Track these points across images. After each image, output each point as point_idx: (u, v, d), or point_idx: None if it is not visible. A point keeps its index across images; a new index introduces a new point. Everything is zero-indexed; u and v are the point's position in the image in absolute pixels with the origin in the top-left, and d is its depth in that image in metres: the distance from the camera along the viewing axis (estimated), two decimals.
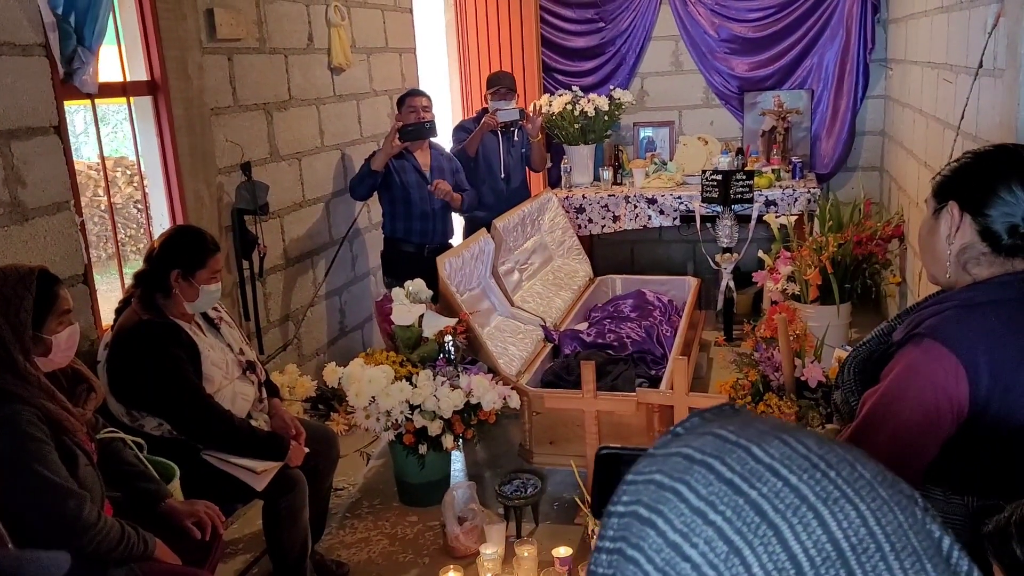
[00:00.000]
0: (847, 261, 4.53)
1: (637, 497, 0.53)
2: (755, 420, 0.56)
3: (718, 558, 0.48)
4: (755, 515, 0.49)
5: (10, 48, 2.52)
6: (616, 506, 0.54)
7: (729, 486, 0.50)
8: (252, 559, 3.16)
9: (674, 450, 0.54)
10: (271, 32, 3.88)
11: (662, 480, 0.52)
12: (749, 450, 0.52)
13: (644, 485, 0.53)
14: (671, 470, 0.52)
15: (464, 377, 3.37)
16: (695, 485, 0.51)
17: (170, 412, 2.63)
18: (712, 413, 0.58)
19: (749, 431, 0.54)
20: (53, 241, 2.67)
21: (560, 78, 6.15)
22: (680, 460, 0.53)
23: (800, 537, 0.48)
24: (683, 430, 0.57)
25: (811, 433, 0.54)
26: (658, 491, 0.52)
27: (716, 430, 0.54)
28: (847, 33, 5.64)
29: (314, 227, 4.28)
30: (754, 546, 0.48)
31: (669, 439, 0.56)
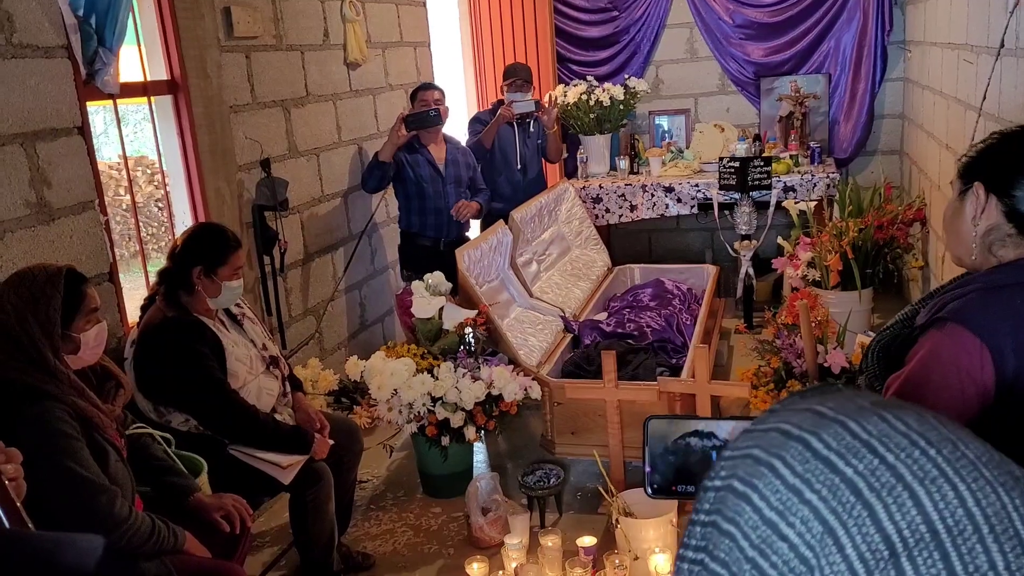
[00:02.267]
0: (868, 246, 4.51)
1: (733, 471, 0.53)
2: (856, 397, 0.54)
3: (814, 538, 0.47)
4: (850, 494, 0.48)
5: (33, 50, 2.55)
6: (713, 480, 0.54)
7: (825, 463, 0.49)
8: (279, 552, 3.20)
9: (772, 425, 0.53)
10: (287, 29, 3.90)
11: (758, 455, 0.52)
12: (846, 426, 0.51)
13: (741, 459, 0.53)
14: (768, 445, 0.52)
15: (485, 369, 3.39)
16: (791, 461, 0.50)
17: (196, 408, 2.66)
18: (812, 390, 0.57)
19: (848, 407, 0.52)
20: (79, 240, 2.71)
21: (575, 68, 6.14)
22: (777, 435, 0.52)
23: (894, 518, 0.46)
24: (781, 406, 0.56)
25: (913, 410, 0.53)
26: (754, 465, 0.51)
27: (815, 406, 0.54)
28: (864, 16, 5.59)
29: (333, 222, 4.30)
30: (848, 526, 0.47)
31: (766, 415, 0.56)
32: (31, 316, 2.03)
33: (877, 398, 0.54)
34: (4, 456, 0.98)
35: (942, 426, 0.51)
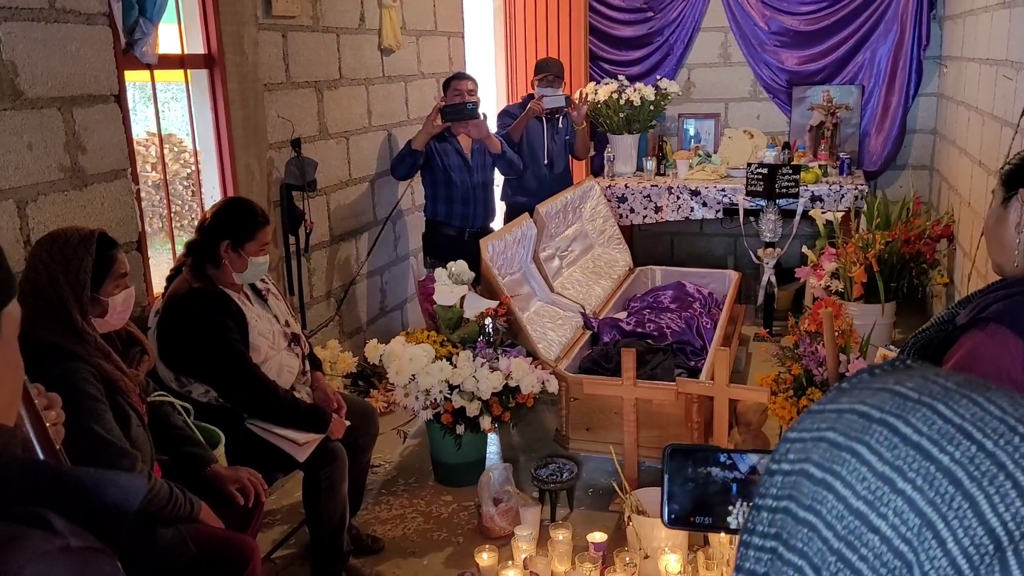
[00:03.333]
0: (894, 259, 4.47)
1: (806, 455, 0.49)
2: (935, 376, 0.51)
3: (911, 531, 0.44)
4: (948, 484, 0.44)
5: (75, 16, 2.57)
6: (780, 464, 0.51)
7: (917, 450, 0.46)
8: (290, 529, 3.21)
9: (846, 406, 0.50)
10: (325, 11, 3.91)
11: (836, 439, 0.48)
12: (935, 409, 0.47)
13: (814, 443, 0.49)
14: (846, 428, 0.48)
15: (504, 359, 3.39)
16: (877, 447, 0.47)
17: (217, 379, 2.67)
18: (882, 368, 0.53)
19: (932, 388, 0.49)
20: (110, 207, 2.72)
21: (606, 67, 6.12)
22: (855, 418, 0.49)
23: (998, 509, 0.43)
24: (849, 385, 0.53)
25: (1004, 392, 0.49)
26: (832, 450, 0.48)
27: (892, 386, 0.50)
28: (901, 29, 5.55)
29: (359, 206, 4.31)
30: (948, 519, 0.44)
31: (835, 394, 0.52)
32: (62, 276, 2.04)
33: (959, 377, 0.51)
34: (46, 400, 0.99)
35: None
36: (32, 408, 0.81)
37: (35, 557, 0.56)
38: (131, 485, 0.66)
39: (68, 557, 0.58)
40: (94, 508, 0.64)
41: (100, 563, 0.60)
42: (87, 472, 0.65)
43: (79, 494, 0.63)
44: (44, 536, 0.58)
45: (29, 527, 0.58)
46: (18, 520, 0.58)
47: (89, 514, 0.63)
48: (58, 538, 0.58)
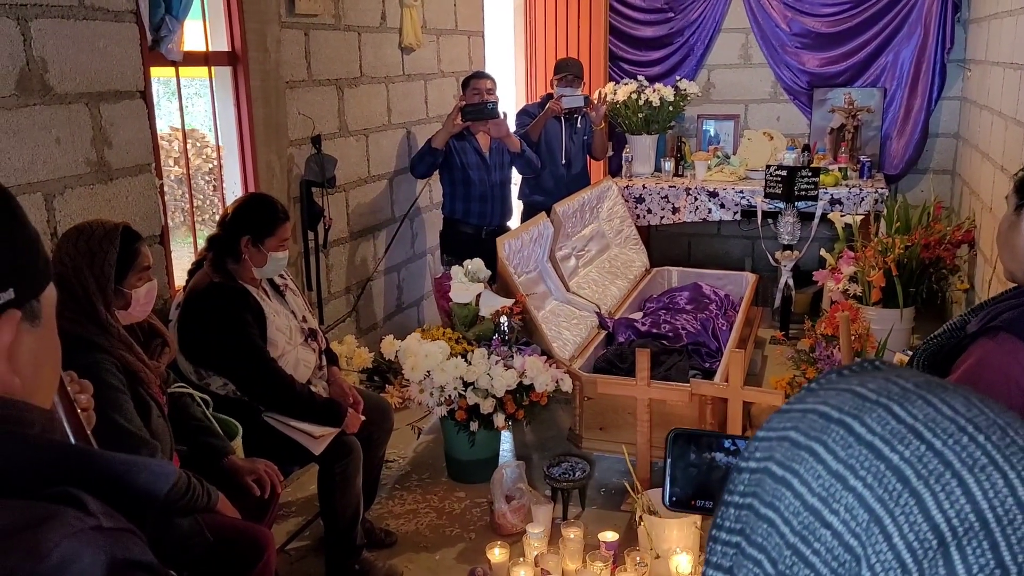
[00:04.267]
0: (913, 264, 4.45)
1: (770, 454, 0.51)
2: (897, 377, 0.52)
3: (860, 527, 0.46)
4: (897, 482, 0.46)
5: (103, 13, 2.61)
6: (748, 462, 0.53)
7: (869, 449, 0.48)
8: (304, 522, 3.25)
9: (810, 406, 0.52)
10: (346, 9, 3.95)
11: (797, 438, 0.50)
12: (890, 409, 0.49)
13: (778, 442, 0.51)
14: (807, 428, 0.50)
15: (518, 358, 3.41)
16: (832, 446, 0.49)
17: (235, 372, 2.71)
18: (850, 369, 0.55)
19: (891, 389, 0.51)
20: (134, 202, 2.77)
21: (626, 67, 6.13)
22: (816, 418, 0.51)
23: (943, 506, 0.45)
24: (818, 385, 0.55)
25: (959, 393, 0.51)
26: (792, 449, 0.50)
27: (855, 387, 0.52)
28: (925, 31, 5.51)
29: (377, 203, 4.35)
30: (895, 515, 0.46)
31: (804, 394, 0.54)
32: (87, 269, 2.09)
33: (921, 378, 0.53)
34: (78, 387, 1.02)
35: (989, 411, 0.49)
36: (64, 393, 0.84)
37: (69, 535, 0.59)
38: (161, 470, 0.69)
39: (100, 537, 0.61)
40: (125, 491, 0.66)
41: (130, 544, 0.63)
42: (119, 457, 0.68)
43: (111, 477, 0.66)
44: (78, 516, 0.61)
45: (64, 507, 0.61)
46: (54, 500, 0.61)
47: (120, 497, 0.66)
48: (91, 518, 0.61)
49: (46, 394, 0.75)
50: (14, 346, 0.68)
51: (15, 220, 0.70)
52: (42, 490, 0.62)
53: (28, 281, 0.70)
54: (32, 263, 0.71)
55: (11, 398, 0.67)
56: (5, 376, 0.68)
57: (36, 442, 0.67)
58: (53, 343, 0.76)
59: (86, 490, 0.63)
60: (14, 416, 0.67)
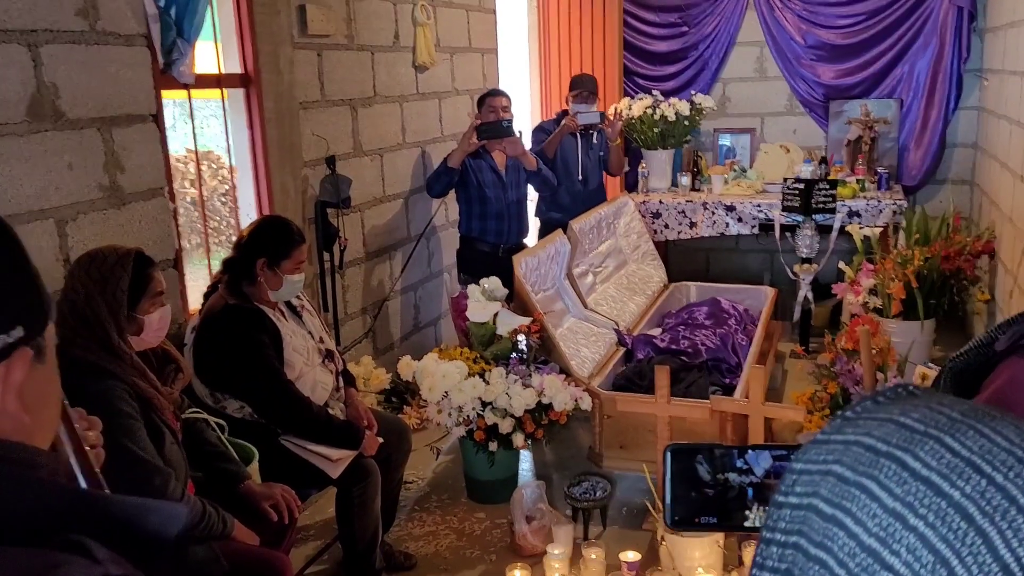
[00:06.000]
0: (934, 276, 4.39)
1: (814, 489, 0.49)
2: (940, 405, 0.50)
3: (924, 568, 0.44)
4: (960, 520, 0.44)
5: (115, 38, 2.62)
6: (787, 496, 0.51)
7: (927, 485, 0.46)
8: (323, 545, 3.22)
9: (852, 438, 0.50)
10: (359, 29, 3.95)
11: (843, 473, 0.48)
12: (942, 441, 0.47)
13: (821, 476, 0.49)
14: (853, 463, 0.48)
15: (536, 376, 3.37)
16: (886, 482, 0.47)
17: (252, 395, 2.69)
18: (886, 396, 0.53)
19: (937, 419, 0.49)
20: (147, 226, 2.76)
21: (640, 82, 6.11)
22: (862, 451, 0.49)
23: (1011, 545, 0.43)
24: (854, 414, 0.53)
25: (1008, 421, 0.49)
26: (840, 485, 0.48)
27: (898, 417, 0.50)
28: (941, 42, 5.46)
29: (393, 222, 4.34)
30: (962, 556, 0.44)
31: (840, 424, 0.52)
32: (99, 296, 2.07)
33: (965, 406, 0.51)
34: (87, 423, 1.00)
35: None
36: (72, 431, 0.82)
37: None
38: (171, 512, 0.67)
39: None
40: (135, 535, 0.64)
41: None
42: (129, 500, 0.66)
43: (121, 521, 0.64)
44: (85, 564, 0.59)
45: (71, 555, 0.59)
46: (60, 548, 0.60)
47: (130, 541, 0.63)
48: (98, 566, 0.59)
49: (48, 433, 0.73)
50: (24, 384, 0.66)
51: (20, 257, 0.68)
52: (51, 536, 0.60)
53: (35, 317, 0.69)
54: (38, 299, 0.70)
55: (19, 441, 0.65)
56: (17, 414, 0.66)
57: (45, 486, 0.65)
58: (55, 381, 0.75)
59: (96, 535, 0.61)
60: (24, 459, 0.65)
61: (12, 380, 0.66)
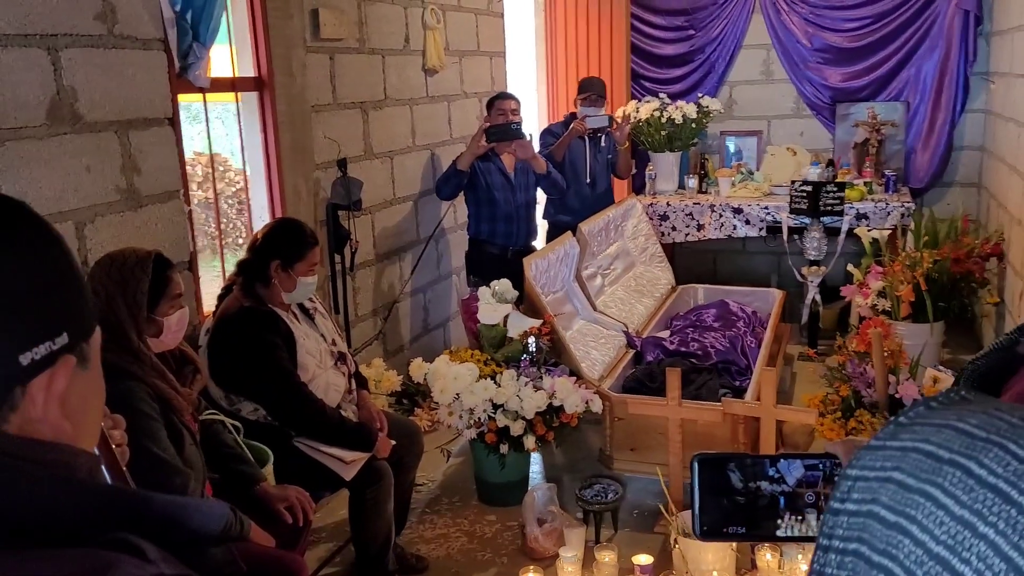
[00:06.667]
0: (943, 278, 4.39)
1: (873, 496, 0.49)
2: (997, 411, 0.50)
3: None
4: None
5: (132, 42, 2.63)
6: (844, 503, 0.51)
7: (995, 492, 0.45)
8: (335, 548, 3.22)
9: (909, 444, 0.50)
10: (370, 33, 3.96)
11: (905, 480, 0.48)
12: (1006, 448, 0.47)
13: (880, 483, 0.50)
14: (914, 469, 0.48)
15: (547, 378, 3.38)
16: (952, 489, 0.46)
17: (266, 397, 2.70)
18: (938, 401, 0.54)
19: (997, 424, 0.49)
20: (163, 228, 2.78)
21: (647, 85, 6.12)
22: (922, 458, 0.49)
23: None
24: (907, 420, 0.53)
25: None
26: (902, 492, 0.48)
27: (956, 423, 0.50)
28: (947, 45, 5.47)
29: (403, 225, 4.35)
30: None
31: (894, 430, 0.52)
32: (119, 297, 2.08)
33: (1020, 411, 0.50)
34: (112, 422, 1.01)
35: None
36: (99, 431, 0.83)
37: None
38: (214, 511, 0.67)
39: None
40: (178, 534, 0.65)
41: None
42: (171, 499, 0.67)
43: (165, 520, 0.64)
44: (138, 564, 0.59)
45: (123, 554, 0.59)
46: (111, 547, 0.60)
47: (173, 539, 0.64)
48: (151, 566, 0.60)
49: (92, 437, 0.74)
50: (67, 391, 0.67)
51: (66, 264, 0.69)
52: (96, 536, 0.60)
53: (79, 324, 0.69)
54: (83, 305, 0.70)
55: (59, 442, 0.66)
56: (57, 422, 0.66)
57: (87, 486, 0.65)
58: (99, 385, 0.75)
59: (139, 534, 0.61)
60: (63, 461, 0.65)
61: (55, 388, 0.66)
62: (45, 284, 0.65)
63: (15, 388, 0.63)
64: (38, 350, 0.63)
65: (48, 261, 0.67)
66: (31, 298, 0.64)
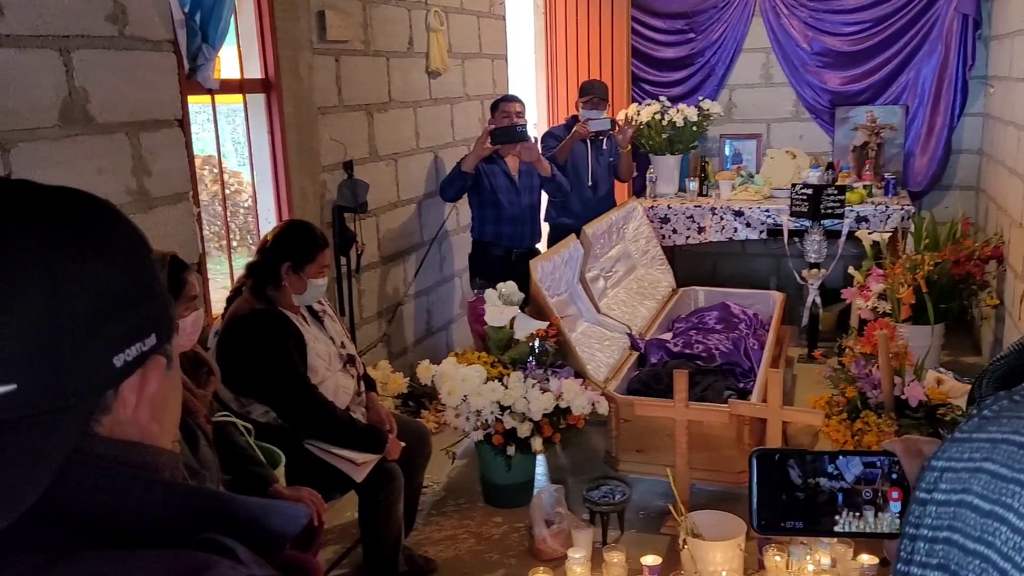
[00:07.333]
0: (943, 281, 4.42)
1: (964, 486, 0.51)
2: None
3: None
4: None
5: (143, 43, 2.63)
6: (931, 493, 0.52)
7: None
8: (344, 549, 3.22)
9: (998, 436, 0.51)
10: (375, 35, 3.97)
11: (998, 470, 0.50)
12: None
13: (971, 473, 0.51)
14: (1007, 460, 0.50)
15: (554, 380, 3.39)
16: None
17: (277, 400, 2.70)
18: (1021, 394, 0.55)
19: None
20: (173, 230, 2.77)
21: (647, 88, 6.14)
22: (1013, 449, 0.50)
23: None
24: (992, 413, 0.54)
25: None
26: (996, 482, 0.49)
27: None
28: (946, 49, 5.51)
29: (407, 227, 4.35)
30: None
31: (979, 422, 0.54)
32: None
33: None
34: None
35: None
36: None
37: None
38: (294, 512, 0.68)
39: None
40: (260, 535, 0.65)
41: None
42: (253, 500, 0.67)
43: (248, 521, 0.65)
44: (231, 566, 0.60)
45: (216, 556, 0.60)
46: (204, 548, 0.60)
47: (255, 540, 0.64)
48: (244, 567, 0.60)
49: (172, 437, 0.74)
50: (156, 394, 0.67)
51: (151, 265, 0.69)
52: (186, 537, 0.61)
53: (165, 324, 0.69)
54: (167, 305, 0.70)
55: (143, 443, 0.66)
56: (147, 423, 0.66)
57: (174, 487, 0.65)
58: (179, 386, 0.75)
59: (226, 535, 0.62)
60: (149, 462, 0.65)
61: (147, 390, 0.66)
62: (136, 286, 0.65)
63: (108, 391, 0.63)
64: (130, 351, 0.64)
65: (137, 262, 0.67)
66: (125, 300, 0.64)
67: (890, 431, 3.12)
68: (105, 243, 0.65)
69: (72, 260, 0.61)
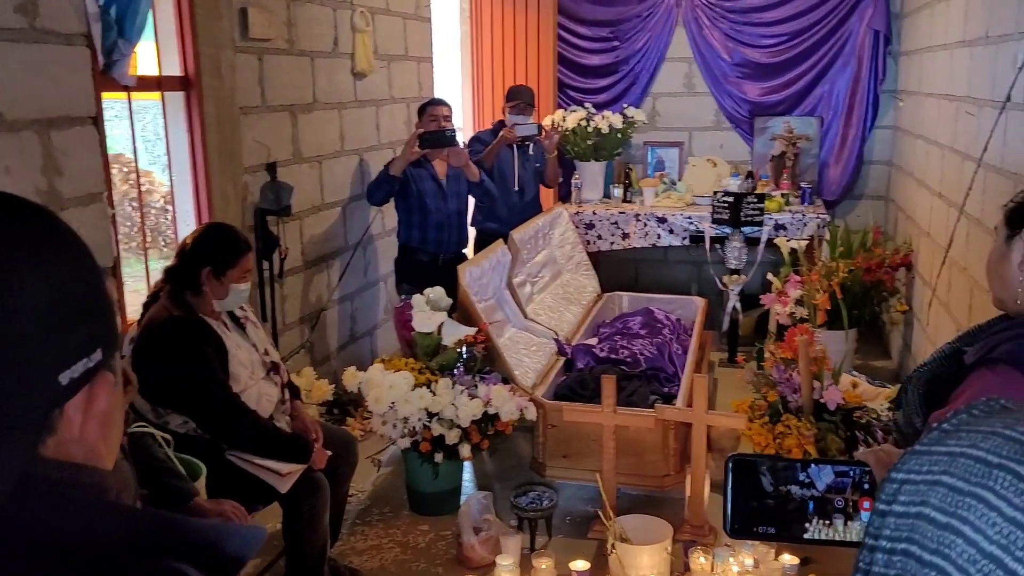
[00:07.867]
0: (857, 287, 4.57)
1: (922, 498, 0.51)
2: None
3: None
4: None
5: (55, 37, 2.51)
6: (891, 505, 0.53)
7: None
8: (267, 562, 3.13)
9: (956, 450, 0.52)
10: (299, 34, 3.89)
11: (955, 484, 0.51)
12: None
13: (929, 487, 0.51)
14: (965, 474, 0.51)
15: (483, 387, 3.37)
16: (1003, 492, 0.49)
17: (197, 410, 2.61)
18: (980, 410, 0.56)
19: None
20: (86, 232, 2.63)
21: (573, 94, 6.19)
22: (971, 463, 0.51)
23: None
24: (951, 427, 0.55)
25: None
26: (953, 495, 0.50)
27: (1003, 431, 0.52)
28: (859, 64, 5.72)
29: (331, 231, 4.27)
30: None
31: (939, 436, 0.54)
32: None
33: None
34: None
35: None
36: None
37: None
38: (250, 535, 0.65)
39: None
40: (216, 559, 0.62)
41: None
42: (208, 523, 0.64)
43: (203, 545, 0.61)
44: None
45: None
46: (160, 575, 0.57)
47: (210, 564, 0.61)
48: None
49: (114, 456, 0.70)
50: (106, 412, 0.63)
51: (97, 279, 0.65)
52: (140, 562, 0.57)
53: (111, 338, 0.65)
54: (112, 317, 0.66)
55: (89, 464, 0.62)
56: (94, 443, 0.62)
57: (123, 510, 0.62)
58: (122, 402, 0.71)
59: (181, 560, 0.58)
60: (97, 483, 0.61)
61: (96, 407, 0.62)
62: (80, 297, 0.61)
63: (54, 410, 0.59)
64: (76, 368, 0.59)
65: (81, 272, 0.63)
66: (70, 312, 0.59)
67: (809, 434, 3.20)
68: (43, 254, 0.60)
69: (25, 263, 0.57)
